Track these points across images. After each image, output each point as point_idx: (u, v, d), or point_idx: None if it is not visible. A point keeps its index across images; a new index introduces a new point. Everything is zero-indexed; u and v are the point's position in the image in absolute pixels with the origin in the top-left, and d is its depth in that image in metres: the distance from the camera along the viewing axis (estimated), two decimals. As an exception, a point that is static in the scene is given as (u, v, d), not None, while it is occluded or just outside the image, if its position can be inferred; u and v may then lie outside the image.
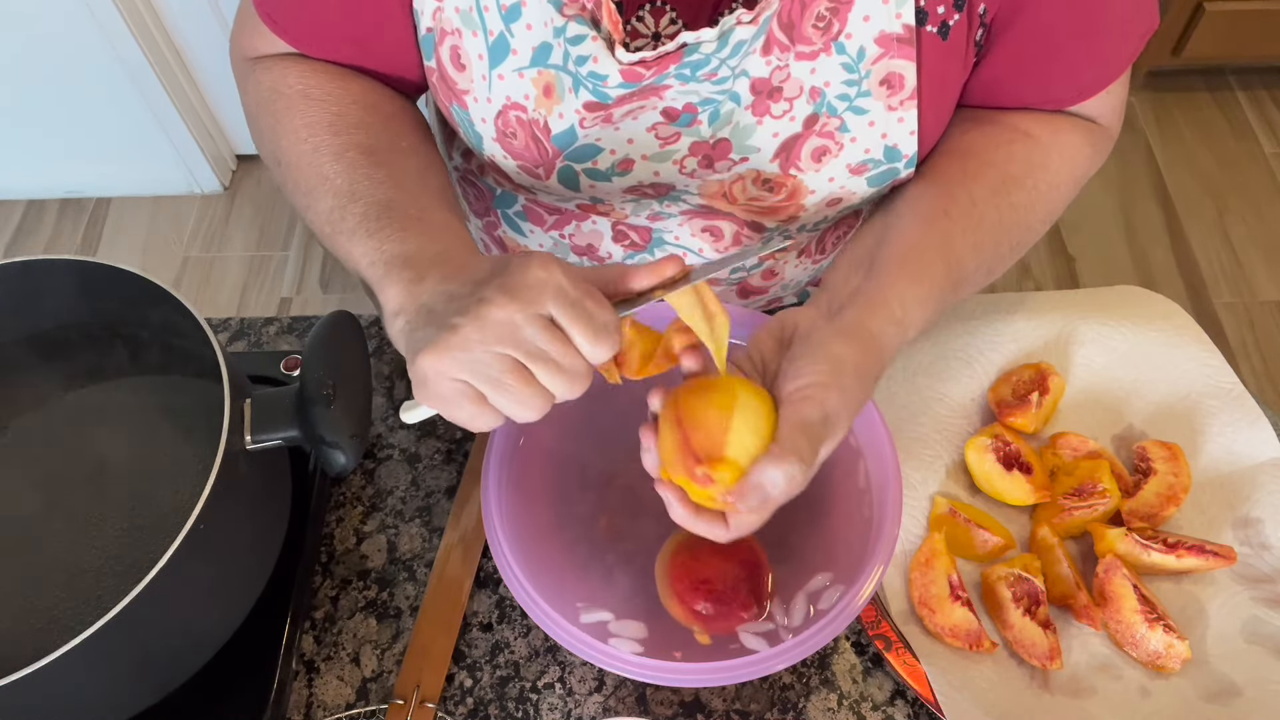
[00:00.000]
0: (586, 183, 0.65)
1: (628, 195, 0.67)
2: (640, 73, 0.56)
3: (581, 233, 0.77)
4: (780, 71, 0.58)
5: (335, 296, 1.91)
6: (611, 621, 0.61)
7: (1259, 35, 1.98)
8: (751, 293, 0.83)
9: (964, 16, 0.58)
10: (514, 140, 0.63)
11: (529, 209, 0.78)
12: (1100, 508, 0.68)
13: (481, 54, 0.59)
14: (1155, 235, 1.94)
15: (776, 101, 0.59)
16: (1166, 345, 0.76)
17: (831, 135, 0.61)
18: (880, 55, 0.58)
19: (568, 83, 0.58)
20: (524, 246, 0.83)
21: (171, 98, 1.85)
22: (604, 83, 0.57)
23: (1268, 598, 0.66)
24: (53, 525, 0.61)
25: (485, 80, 0.60)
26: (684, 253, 0.75)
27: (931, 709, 0.62)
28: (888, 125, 0.61)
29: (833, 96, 0.59)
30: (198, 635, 0.61)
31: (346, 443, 0.56)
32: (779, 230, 0.71)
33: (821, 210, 0.67)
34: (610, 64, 0.57)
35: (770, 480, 0.49)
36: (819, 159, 0.62)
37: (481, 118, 0.63)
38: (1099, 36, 0.61)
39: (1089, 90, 0.64)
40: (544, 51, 0.58)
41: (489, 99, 0.61)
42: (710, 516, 0.52)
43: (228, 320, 0.83)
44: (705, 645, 0.61)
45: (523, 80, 0.59)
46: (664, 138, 0.62)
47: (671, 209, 0.70)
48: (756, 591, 0.62)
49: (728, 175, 0.64)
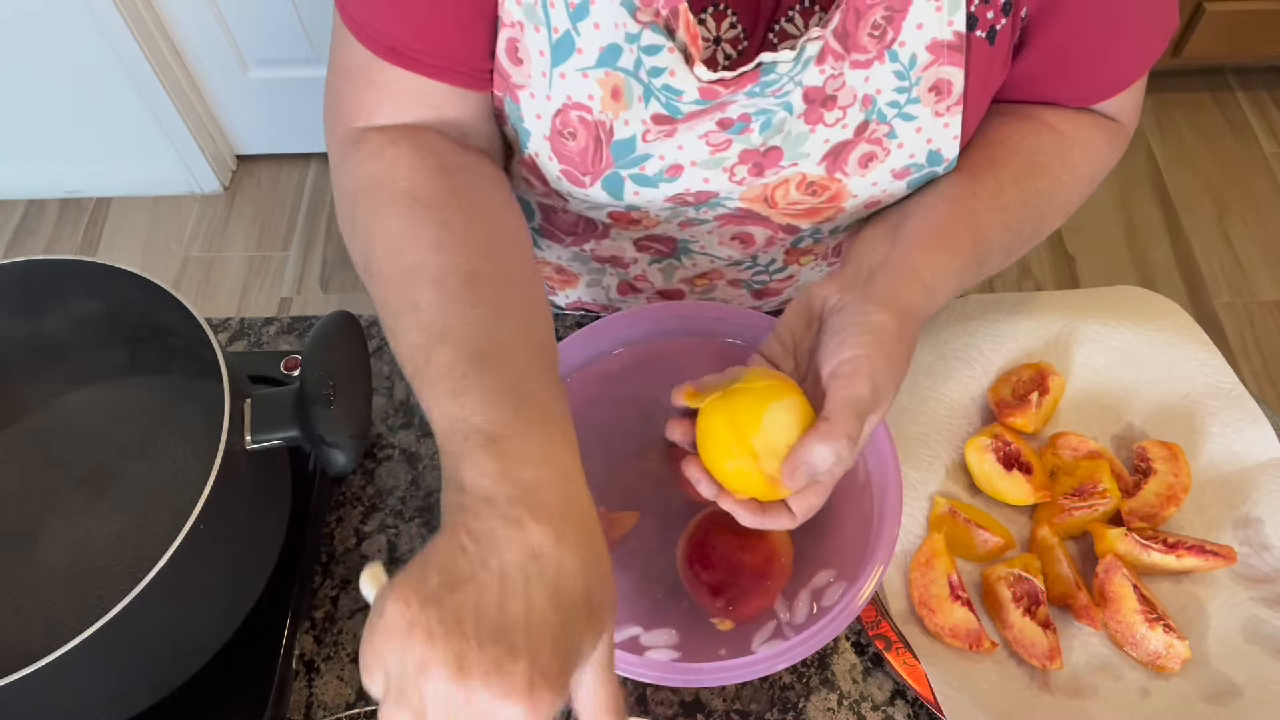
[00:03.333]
0: (631, 189, 0.63)
1: (668, 203, 0.65)
2: (718, 91, 0.55)
3: (603, 246, 0.76)
4: (835, 80, 0.57)
5: (335, 296, 1.91)
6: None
7: (1259, 35, 1.98)
8: (768, 294, 0.83)
9: (1010, 21, 0.58)
10: (570, 141, 0.60)
11: (545, 228, 0.77)
12: (1100, 508, 0.68)
13: (543, 50, 0.57)
14: (1155, 235, 1.94)
15: (830, 110, 0.59)
16: (1166, 345, 0.76)
17: (880, 142, 0.61)
18: (931, 62, 0.57)
19: (638, 91, 0.56)
20: (541, 258, 0.82)
21: (171, 98, 1.85)
22: (679, 98, 0.56)
23: (1268, 598, 0.66)
24: (53, 525, 0.61)
25: (545, 77, 0.58)
26: (711, 259, 0.75)
27: (931, 709, 0.62)
28: (933, 131, 0.60)
29: (883, 104, 0.59)
30: (198, 635, 0.61)
31: (346, 443, 0.56)
32: (810, 232, 0.71)
33: (859, 212, 0.67)
34: (688, 80, 0.55)
35: (819, 458, 0.49)
36: (865, 165, 0.62)
37: (536, 114, 0.60)
38: (1123, 37, 0.61)
39: (1112, 89, 0.65)
40: (612, 53, 0.56)
41: (548, 96, 0.59)
42: (776, 509, 0.53)
43: (228, 320, 0.83)
44: (726, 631, 0.61)
45: (587, 80, 0.57)
46: (715, 144, 0.60)
47: (707, 215, 0.68)
48: (773, 571, 0.62)
49: (773, 180, 0.63)
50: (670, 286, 0.80)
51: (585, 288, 0.85)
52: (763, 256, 0.76)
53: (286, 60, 1.86)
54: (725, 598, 0.61)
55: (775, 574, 0.62)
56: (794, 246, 0.75)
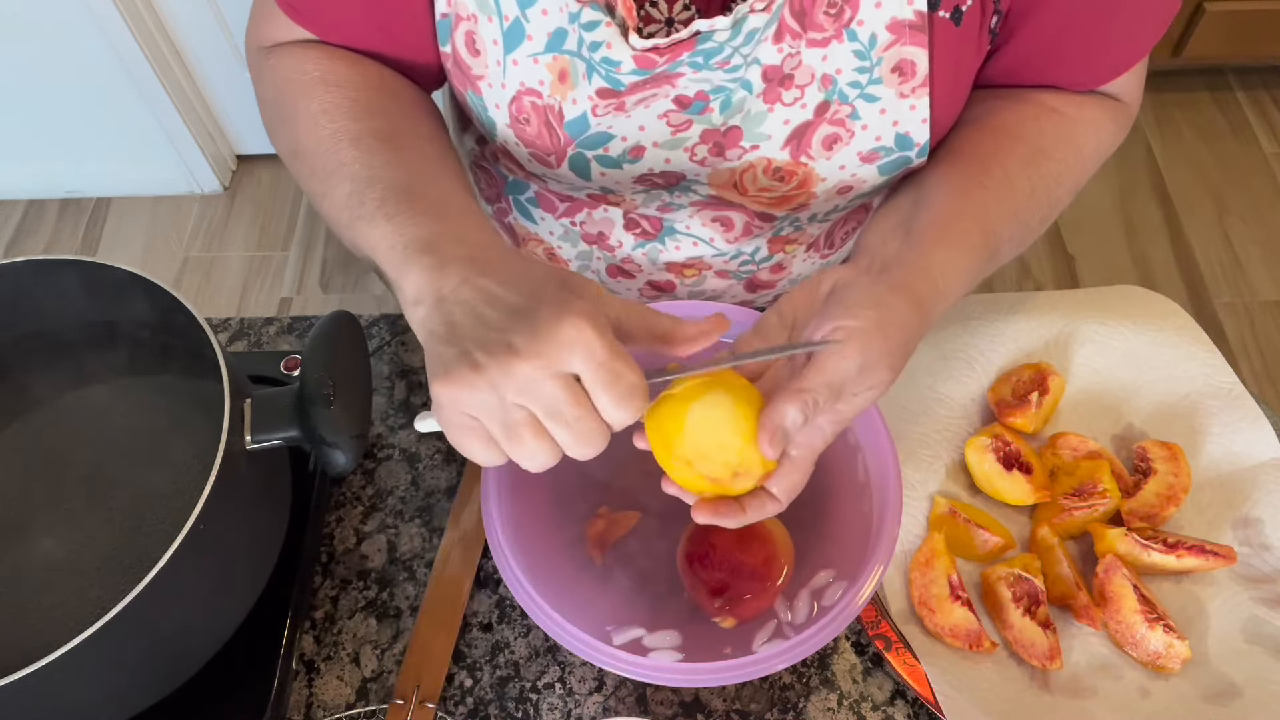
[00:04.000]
0: (598, 170, 0.65)
1: (638, 185, 0.67)
2: (653, 59, 0.56)
3: (593, 220, 0.77)
4: (792, 59, 0.58)
5: (335, 296, 1.91)
6: (610, 622, 0.61)
7: (1259, 35, 1.98)
8: (759, 286, 0.83)
9: (977, 2, 0.58)
10: (527, 126, 0.63)
11: (541, 195, 0.78)
12: (1100, 508, 0.68)
13: (496, 39, 0.59)
14: (1155, 235, 1.94)
15: (788, 89, 0.59)
16: (1166, 345, 0.76)
17: (843, 123, 0.61)
18: (892, 42, 0.57)
19: (581, 69, 0.58)
20: (535, 234, 0.83)
21: (171, 98, 1.85)
22: (617, 69, 0.57)
23: (1268, 598, 0.66)
24: (53, 525, 0.61)
25: (500, 66, 0.60)
26: (695, 241, 0.75)
27: (931, 709, 0.62)
28: (899, 113, 0.61)
29: (844, 84, 0.59)
30: (198, 635, 0.61)
31: (346, 443, 0.56)
32: (788, 220, 0.71)
33: (832, 199, 0.67)
34: (624, 50, 0.56)
35: (789, 419, 0.49)
36: (830, 146, 0.62)
37: (495, 103, 0.62)
38: (1123, 18, 0.61)
39: (1114, 71, 0.65)
40: (559, 37, 0.57)
41: (503, 84, 0.61)
42: (759, 499, 0.53)
43: (228, 320, 0.83)
44: (728, 630, 0.61)
45: (537, 66, 0.59)
46: (675, 125, 0.61)
47: (681, 199, 0.69)
48: (773, 571, 0.62)
49: (738, 163, 0.64)
50: (660, 276, 0.80)
51: (575, 271, 0.86)
52: (746, 245, 0.76)
53: (286, 60, 1.86)
54: (725, 597, 0.61)
55: (775, 574, 0.62)
56: (775, 235, 0.75)
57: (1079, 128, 0.65)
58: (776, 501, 0.53)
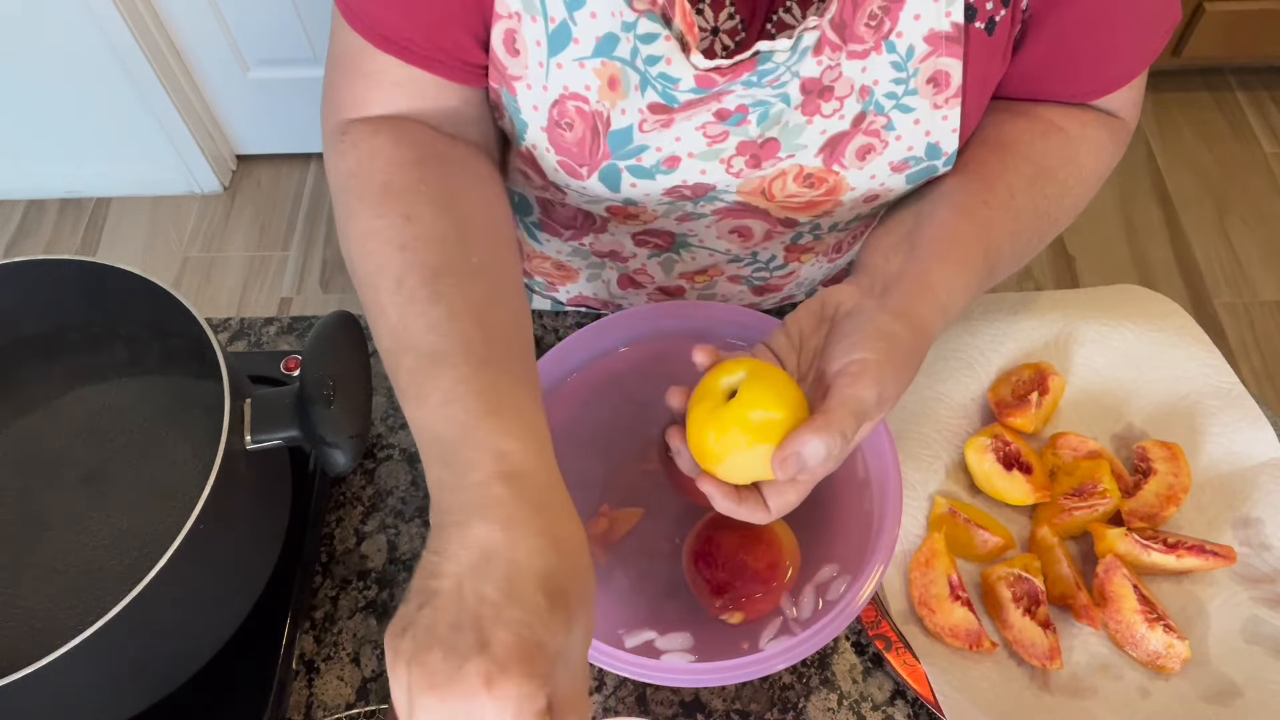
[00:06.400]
0: (628, 181, 0.63)
1: (666, 197, 0.65)
2: (714, 79, 0.55)
3: (601, 241, 0.76)
4: (831, 71, 0.57)
5: (335, 296, 1.91)
6: (620, 625, 0.61)
7: (1259, 35, 1.98)
8: (768, 291, 0.83)
9: (1009, 12, 0.58)
10: (567, 132, 0.61)
11: (544, 221, 0.77)
12: (1100, 508, 0.68)
13: (540, 40, 0.57)
14: (1155, 235, 1.94)
15: (827, 101, 0.59)
16: (1166, 345, 0.76)
17: (877, 133, 0.61)
18: (929, 54, 0.57)
19: (634, 80, 0.57)
20: (540, 252, 0.82)
21: (171, 98, 1.85)
22: (675, 86, 0.56)
23: (1268, 598, 0.66)
24: (53, 525, 0.61)
25: (543, 68, 0.58)
26: (710, 253, 0.75)
27: (931, 709, 0.62)
28: (932, 123, 0.60)
29: (880, 95, 0.59)
30: (198, 635, 0.61)
31: (346, 443, 0.56)
32: (809, 226, 0.71)
33: (857, 206, 0.67)
34: (685, 68, 0.55)
35: (811, 451, 0.49)
36: (863, 157, 0.62)
37: (534, 105, 0.60)
38: (1127, 30, 0.61)
39: (1115, 83, 0.65)
40: (609, 42, 0.56)
41: (545, 86, 0.59)
42: (753, 500, 0.53)
43: (228, 320, 0.83)
44: (737, 624, 0.61)
45: (584, 70, 0.57)
46: (712, 136, 0.60)
47: (705, 209, 0.68)
48: (777, 574, 0.62)
49: (770, 171, 0.63)
50: (671, 283, 0.80)
51: (585, 282, 0.85)
52: (762, 253, 0.75)
53: (286, 60, 1.86)
54: (727, 597, 0.61)
55: (779, 578, 0.62)
56: (793, 244, 0.74)
57: (1081, 148, 0.65)
58: (766, 512, 0.53)
